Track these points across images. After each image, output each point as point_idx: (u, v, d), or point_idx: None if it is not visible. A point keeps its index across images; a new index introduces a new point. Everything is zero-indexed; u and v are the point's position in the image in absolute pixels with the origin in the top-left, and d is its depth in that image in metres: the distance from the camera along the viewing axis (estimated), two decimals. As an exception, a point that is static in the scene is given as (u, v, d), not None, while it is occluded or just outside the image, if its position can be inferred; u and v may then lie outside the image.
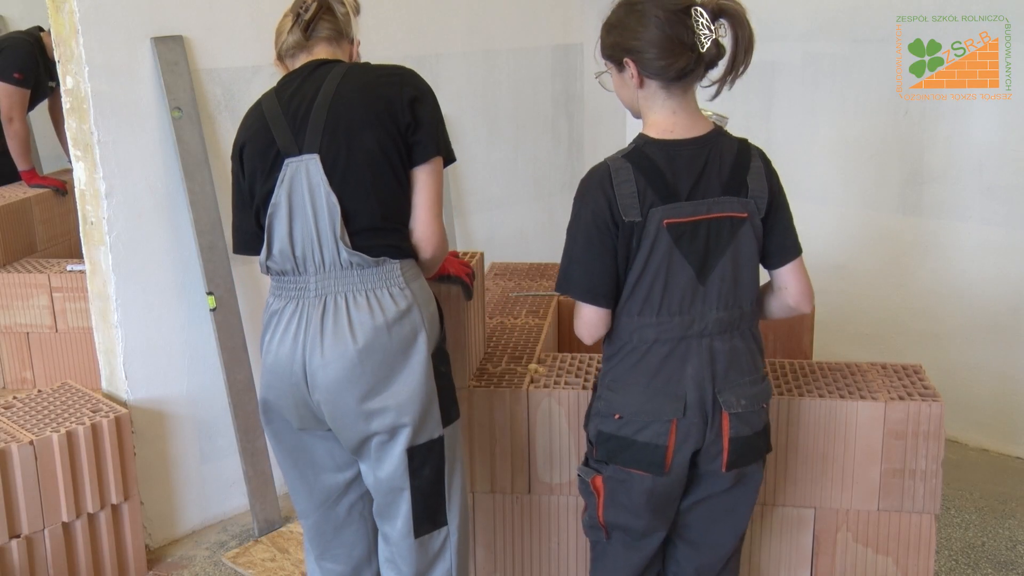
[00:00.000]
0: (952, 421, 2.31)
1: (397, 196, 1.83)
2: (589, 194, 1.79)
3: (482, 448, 2.24)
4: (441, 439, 1.88)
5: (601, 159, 1.84)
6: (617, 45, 1.77)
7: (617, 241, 1.77)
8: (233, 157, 1.92)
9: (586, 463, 1.92)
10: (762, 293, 1.92)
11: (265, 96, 1.91)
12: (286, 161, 1.79)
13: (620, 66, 1.79)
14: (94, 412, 2.78)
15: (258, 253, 1.87)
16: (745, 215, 1.78)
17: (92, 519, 2.78)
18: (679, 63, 1.70)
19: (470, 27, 3.72)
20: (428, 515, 1.89)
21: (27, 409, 2.83)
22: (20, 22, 4.79)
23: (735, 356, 1.82)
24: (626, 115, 4.35)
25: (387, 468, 1.85)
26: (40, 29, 4.45)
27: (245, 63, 3.02)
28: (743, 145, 1.83)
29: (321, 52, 1.91)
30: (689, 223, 1.75)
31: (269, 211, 1.81)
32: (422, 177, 1.84)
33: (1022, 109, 3.35)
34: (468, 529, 2.01)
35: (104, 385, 2.99)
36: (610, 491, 1.87)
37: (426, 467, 1.86)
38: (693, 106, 1.80)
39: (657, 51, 1.71)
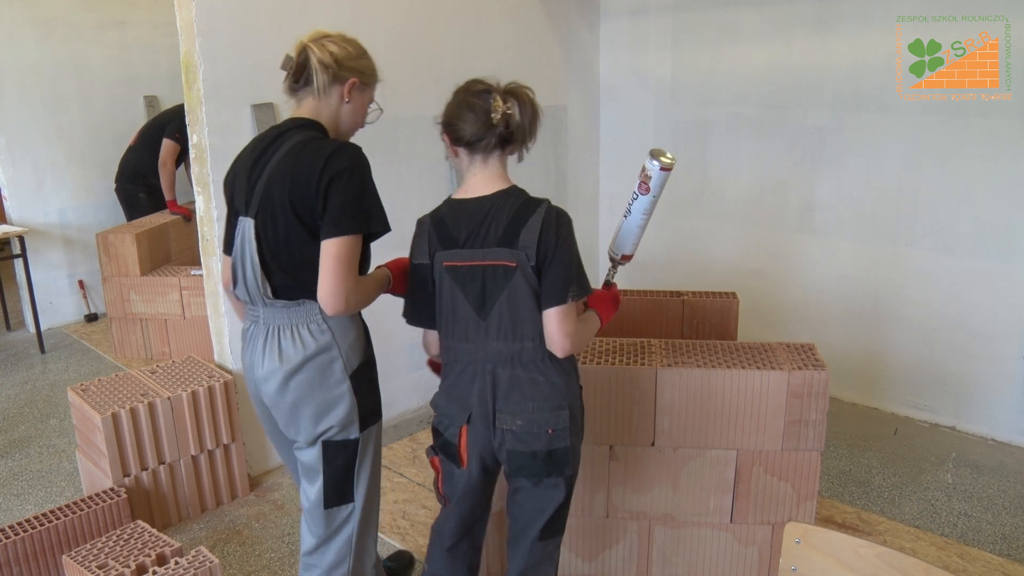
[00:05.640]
0: (833, 383, 2.29)
1: (311, 259, 1.59)
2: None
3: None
4: (356, 440, 1.70)
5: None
6: (442, 126, 1.65)
7: (420, 279, 1.66)
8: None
9: (432, 446, 1.78)
10: None
11: (248, 147, 1.71)
12: (239, 217, 1.65)
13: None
14: (210, 378, 2.77)
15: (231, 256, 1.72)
16: (515, 264, 1.56)
17: (211, 454, 2.77)
18: (472, 129, 1.59)
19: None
20: (337, 494, 1.73)
21: (165, 374, 2.82)
22: (167, 100, 4.96)
23: (516, 383, 1.61)
24: (599, 157, 4.34)
25: (308, 454, 1.71)
26: None
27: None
28: (528, 205, 1.59)
29: (307, 106, 1.68)
30: (466, 266, 1.59)
31: (233, 254, 1.67)
32: (323, 250, 1.56)
33: (885, 159, 3.32)
34: (373, 505, 1.81)
35: (216, 358, 2.96)
36: (444, 470, 1.75)
37: (338, 459, 1.70)
38: (492, 172, 1.63)
39: (460, 123, 1.60)
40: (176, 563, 2.08)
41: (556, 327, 1.57)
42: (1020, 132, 2.94)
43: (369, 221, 1.58)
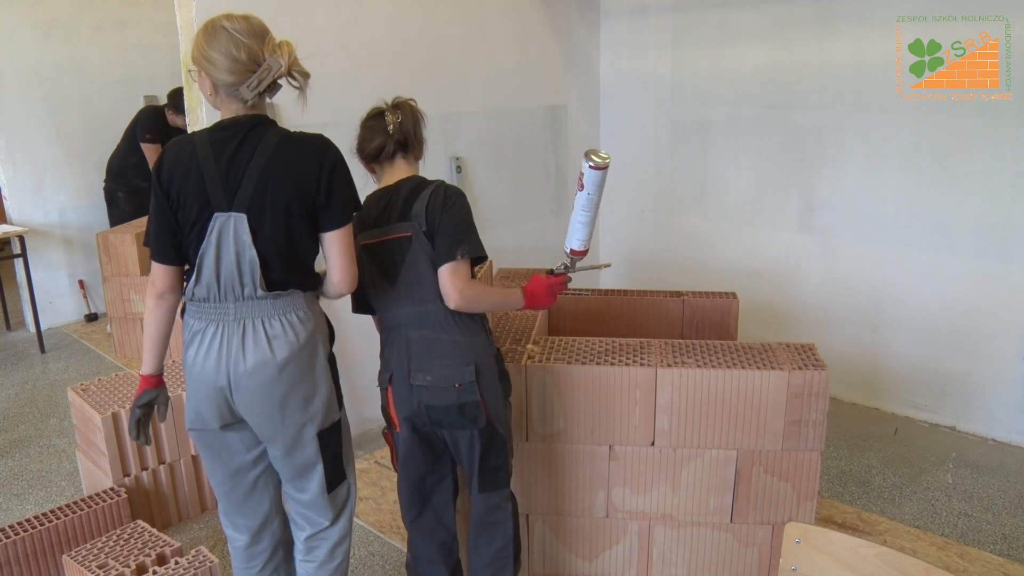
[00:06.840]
0: (833, 383, 2.29)
1: (306, 250, 1.65)
2: None
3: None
4: (339, 420, 1.75)
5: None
6: (357, 154, 1.89)
7: None
8: (157, 184, 1.62)
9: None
10: None
11: (200, 141, 1.60)
12: (216, 214, 1.57)
13: None
14: (211, 377, 2.76)
15: (172, 264, 1.65)
16: (410, 234, 1.77)
17: (210, 454, 2.77)
18: (376, 143, 1.84)
19: (482, 92, 3.68)
20: (335, 476, 1.77)
21: (165, 374, 2.78)
22: (163, 99, 4.94)
23: (427, 343, 1.77)
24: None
25: (303, 452, 1.70)
26: (161, 104, 4.63)
27: (316, 121, 2.97)
28: (422, 184, 1.81)
29: (259, 105, 1.66)
30: (375, 243, 1.79)
31: (200, 251, 1.59)
32: (335, 240, 1.64)
33: (885, 159, 3.31)
34: (354, 475, 1.88)
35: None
36: (395, 443, 1.89)
37: (332, 443, 1.73)
38: (398, 170, 1.86)
39: (367, 144, 1.86)
40: (176, 563, 2.09)
41: (448, 281, 1.73)
42: (1020, 132, 2.94)
43: (358, 204, 1.71)
